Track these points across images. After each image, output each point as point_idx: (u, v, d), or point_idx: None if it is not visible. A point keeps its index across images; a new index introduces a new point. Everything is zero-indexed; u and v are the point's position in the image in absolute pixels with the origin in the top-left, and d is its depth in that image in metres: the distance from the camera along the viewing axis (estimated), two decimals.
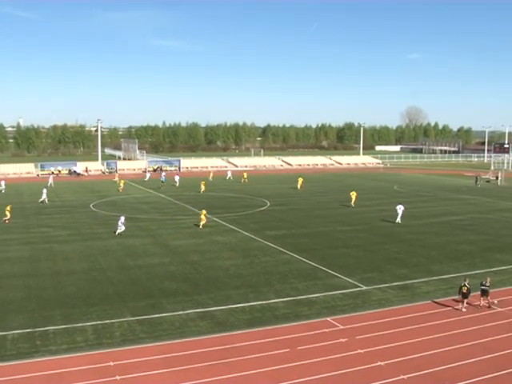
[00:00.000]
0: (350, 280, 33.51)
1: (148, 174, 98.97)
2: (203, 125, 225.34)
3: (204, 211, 51.94)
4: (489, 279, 29.16)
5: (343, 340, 24.21)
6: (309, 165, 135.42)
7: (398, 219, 53.45)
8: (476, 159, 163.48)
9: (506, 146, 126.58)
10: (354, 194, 65.81)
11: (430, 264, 37.63)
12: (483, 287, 28.68)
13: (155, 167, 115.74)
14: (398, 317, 27.22)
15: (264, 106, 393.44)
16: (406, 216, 56.87)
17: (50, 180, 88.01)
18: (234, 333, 24.96)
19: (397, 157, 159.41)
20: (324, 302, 29.45)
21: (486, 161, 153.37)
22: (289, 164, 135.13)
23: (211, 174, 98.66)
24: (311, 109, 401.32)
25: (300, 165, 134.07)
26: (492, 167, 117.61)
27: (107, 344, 23.56)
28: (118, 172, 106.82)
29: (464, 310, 28.22)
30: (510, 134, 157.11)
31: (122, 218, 47.85)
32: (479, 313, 27.93)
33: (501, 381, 20.60)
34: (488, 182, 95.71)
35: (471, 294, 28.52)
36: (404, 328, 25.74)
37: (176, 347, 23.29)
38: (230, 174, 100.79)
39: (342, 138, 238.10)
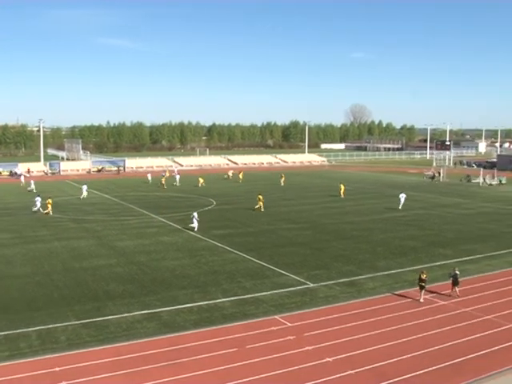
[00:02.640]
0: (297, 278, 33.77)
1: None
2: (148, 124, 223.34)
3: (260, 196, 60.44)
4: (457, 268, 30.70)
5: (291, 338, 24.37)
6: (254, 163, 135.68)
7: (400, 206, 60.91)
8: (419, 156, 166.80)
9: (447, 143, 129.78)
10: (342, 187, 72.20)
11: (375, 260, 38.25)
12: (453, 276, 30.02)
13: (99, 167, 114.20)
14: (345, 313, 27.57)
15: (209, 104, 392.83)
16: (351, 213, 57.83)
17: (22, 179, 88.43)
18: (181, 333, 24.83)
19: (342, 155, 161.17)
20: (272, 300, 29.60)
21: (428, 157, 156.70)
22: (234, 163, 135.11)
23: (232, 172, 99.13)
24: (256, 107, 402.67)
25: (246, 163, 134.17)
26: (434, 164, 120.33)
27: (52, 349, 23.08)
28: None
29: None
30: (450, 131, 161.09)
31: (196, 214, 49.25)
32: (422, 307, 28.53)
33: (441, 374, 21.11)
34: (432, 178, 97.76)
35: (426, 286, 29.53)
36: (351, 324, 26.08)
37: (123, 350, 23.02)
38: (231, 173, 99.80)
39: (288, 137, 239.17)
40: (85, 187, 72.36)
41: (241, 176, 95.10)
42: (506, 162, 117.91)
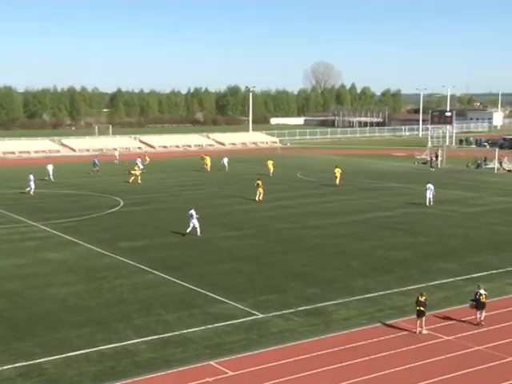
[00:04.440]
0: (240, 306, 33.74)
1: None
2: (21, 89, 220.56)
3: (259, 181, 65.89)
4: (482, 286, 30.90)
5: None
6: (178, 146, 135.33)
7: (431, 202, 62.43)
8: (408, 133, 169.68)
9: (448, 114, 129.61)
10: (338, 172, 74.54)
11: (349, 279, 38.53)
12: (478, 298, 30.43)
13: None
14: (309, 354, 27.54)
15: (112, 63, 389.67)
16: (314, 213, 58.00)
17: None
18: None
19: (300, 133, 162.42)
20: (205, 338, 29.44)
21: (421, 135, 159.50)
22: (150, 146, 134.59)
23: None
24: (180, 68, 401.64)
25: (166, 146, 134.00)
26: (429, 144, 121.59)
27: None
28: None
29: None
30: (453, 97, 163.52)
31: (194, 212, 50.29)
32: (418, 344, 28.72)
33: None
34: (425, 163, 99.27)
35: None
36: (318, 369, 26.03)
37: None
38: (226, 161, 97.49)
39: (224, 108, 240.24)
40: (31, 177, 72.53)
41: (208, 162, 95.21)
42: None
